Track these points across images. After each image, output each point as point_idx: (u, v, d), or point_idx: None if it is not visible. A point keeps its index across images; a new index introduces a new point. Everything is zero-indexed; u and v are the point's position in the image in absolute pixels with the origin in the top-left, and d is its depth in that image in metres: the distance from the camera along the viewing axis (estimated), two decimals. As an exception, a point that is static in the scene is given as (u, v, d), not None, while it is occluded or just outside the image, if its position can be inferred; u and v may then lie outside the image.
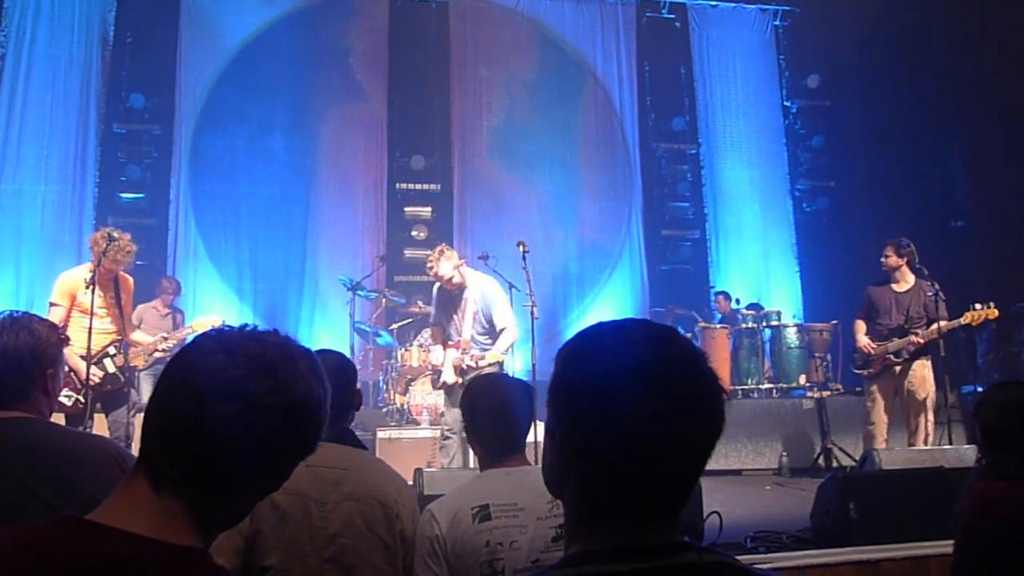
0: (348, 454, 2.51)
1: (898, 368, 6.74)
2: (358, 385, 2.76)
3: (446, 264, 6.15)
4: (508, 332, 6.18)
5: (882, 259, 6.92)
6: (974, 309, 6.48)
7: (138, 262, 10.22)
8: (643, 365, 1.06)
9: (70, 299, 5.70)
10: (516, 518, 2.37)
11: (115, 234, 5.87)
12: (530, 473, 2.49)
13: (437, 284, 6.43)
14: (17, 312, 2.30)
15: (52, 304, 5.75)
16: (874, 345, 6.85)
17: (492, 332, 6.23)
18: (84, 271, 5.77)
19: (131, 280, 6.26)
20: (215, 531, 1.20)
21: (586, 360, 1.11)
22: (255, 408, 1.14)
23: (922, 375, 6.69)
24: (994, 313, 6.47)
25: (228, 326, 1.24)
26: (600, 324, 1.15)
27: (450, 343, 6.35)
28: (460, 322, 6.26)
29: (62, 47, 10.44)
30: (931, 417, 6.68)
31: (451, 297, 6.34)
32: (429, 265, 6.26)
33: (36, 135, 10.19)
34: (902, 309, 6.81)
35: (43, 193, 10.13)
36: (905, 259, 6.85)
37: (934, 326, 6.59)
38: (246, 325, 1.25)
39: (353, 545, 2.35)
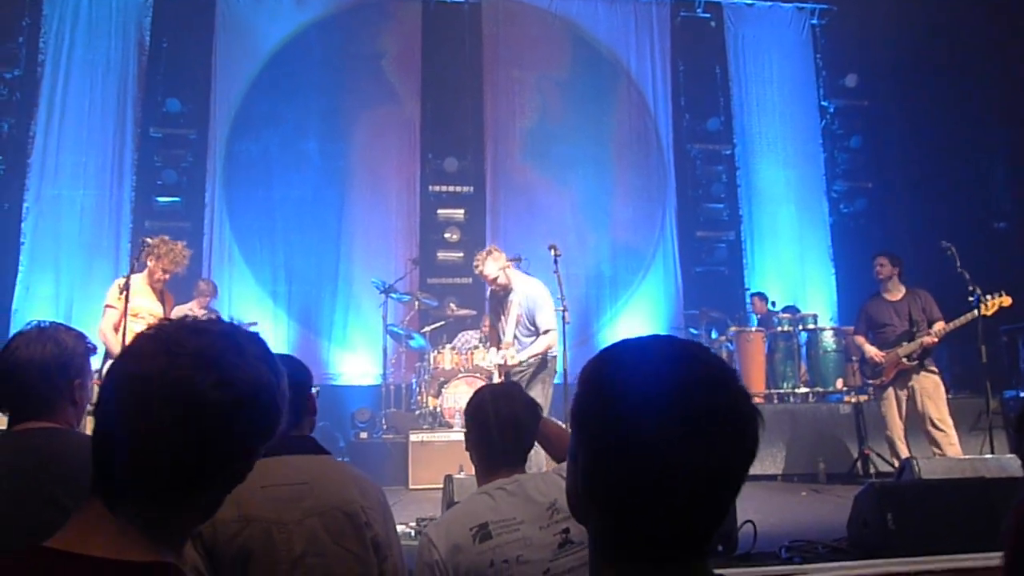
0: (307, 465, 2.39)
1: (909, 372, 6.94)
2: (313, 390, 2.63)
3: (492, 264, 6.22)
4: (546, 336, 6.22)
5: (876, 268, 7.23)
6: (986, 301, 6.53)
7: (174, 266, 10.41)
8: (665, 387, 1.01)
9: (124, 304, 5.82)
10: (518, 531, 2.32)
11: (149, 240, 5.97)
12: (523, 482, 2.45)
13: (489, 287, 6.53)
14: (45, 322, 2.31)
15: (108, 307, 5.88)
16: (883, 353, 7.07)
17: (538, 334, 6.28)
18: (134, 277, 5.90)
19: (172, 297, 6.41)
20: (183, 537, 1.16)
21: (607, 382, 1.06)
22: (204, 406, 1.08)
23: (933, 378, 6.89)
24: (1007, 300, 6.59)
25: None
26: (623, 342, 1.11)
27: (501, 345, 6.43)
28: (505, 324, 6.32)
29: (99, 53, 10.59)
30: (949, 420, 6.77)
31: (499, 299, 6.44)
32: (476, 264, 6.34)
33: (74, 140, 10.34)
34: (903, 315, 7.07)
35: (81, 198, 10.27)
36: (898, 268, 7.16)
37: (938, 325, 6.84)
38: (186, 317, 1.19)
39: (321, 563, 2.24)
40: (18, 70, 10.36)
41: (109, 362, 5.82)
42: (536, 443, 2.80)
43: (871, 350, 7.17)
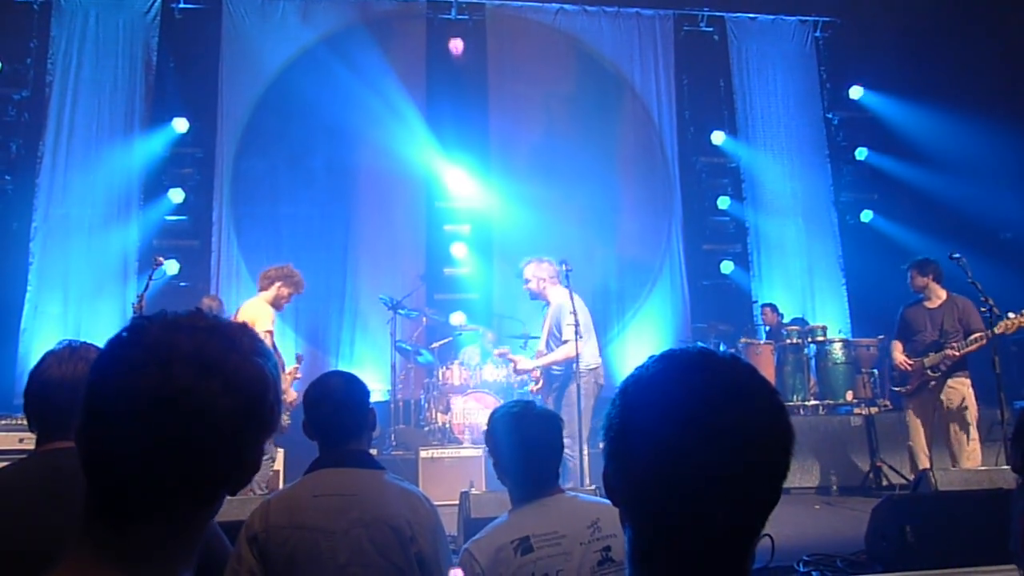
0: (357, 477, 2.46)
1: (933, 384, 6.78)
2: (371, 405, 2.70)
3: (530, 270, 6.55)
4: (564, 347, 6.30)
5: (909, 282, 7.08)
6: (1008, 318, 6.44)
7: (181, 283, 10.44)
8: (676, 405, 1.00)
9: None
10: (559, 546, 2.33)
11: (278, 267, 6.73)
12: (566, 500, 2.47)
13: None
14: (76, 342, 2.31)
15: (268, 332, 6.38)
16: (910, 361, 6.94)
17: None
18: (257, 299, 6.54)
19: None
20: (196, 550, 1.07)
21: (627, 396, 1.07)
22: (215, 416, 1.01)
23: (959, 390, 6.70)
24: None
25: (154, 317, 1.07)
26: (652, 357, 1.09)
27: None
28: (544, 333, 6.60)
29: (107, 73, 10.65)
30: (974, 434, 6.65)
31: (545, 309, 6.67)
32: (522, 267, 6.64)
33: (82, 160, 10.39)
34: (936, 325, 6.89)
35: (89, 217, 10.32)
36: (929, 276, 6.97)
37: (970, 338, 6.66)
38: (164, 313, 1.08)
39: (364, 574, 2.30)
40: (26, 91, 10.42)
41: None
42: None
43: (898, 357, 7.05)
